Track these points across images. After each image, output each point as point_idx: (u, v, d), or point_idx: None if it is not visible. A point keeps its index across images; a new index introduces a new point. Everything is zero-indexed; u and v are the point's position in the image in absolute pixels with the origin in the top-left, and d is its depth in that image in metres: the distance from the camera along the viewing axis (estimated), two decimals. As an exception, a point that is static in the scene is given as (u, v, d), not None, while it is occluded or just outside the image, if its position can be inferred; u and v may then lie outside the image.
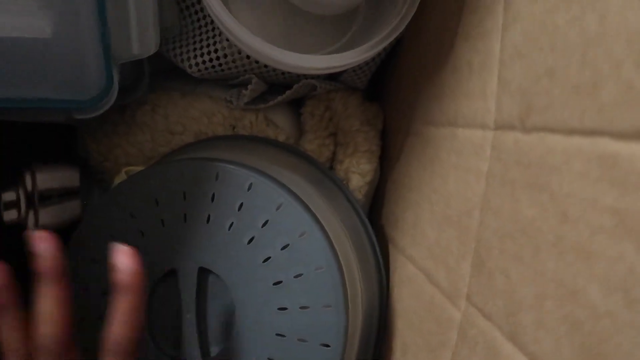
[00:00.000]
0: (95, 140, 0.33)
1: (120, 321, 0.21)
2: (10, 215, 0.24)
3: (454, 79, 0.23)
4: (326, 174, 0.32)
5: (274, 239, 0.25)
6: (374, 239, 0.31)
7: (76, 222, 0.31)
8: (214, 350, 0.26)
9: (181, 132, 0.33)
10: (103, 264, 0.26)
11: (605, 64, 0.13)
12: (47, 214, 0.28)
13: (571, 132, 0.15)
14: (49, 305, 0.21)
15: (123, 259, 0.21)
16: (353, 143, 0.33)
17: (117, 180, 0.33)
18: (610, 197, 0.13)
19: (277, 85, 0.34)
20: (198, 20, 0.32)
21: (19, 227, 0.25)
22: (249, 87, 0.31)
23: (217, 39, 0.31)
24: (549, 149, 0.16)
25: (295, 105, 0.36)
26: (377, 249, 0.31)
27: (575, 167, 0.14)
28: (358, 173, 0.32)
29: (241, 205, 0.26)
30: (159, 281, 0.26)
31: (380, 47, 0.26)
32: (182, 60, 0.32)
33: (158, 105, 0.33)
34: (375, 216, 0.35)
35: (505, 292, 0.18)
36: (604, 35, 0.13)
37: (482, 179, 0.20)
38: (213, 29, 0.31)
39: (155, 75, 0.33)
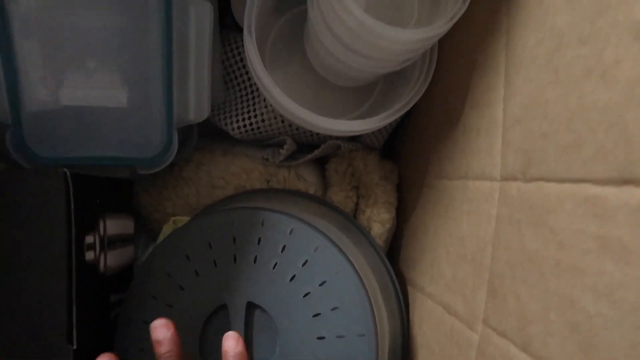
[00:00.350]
0: (147, 193, 0.38)
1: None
2: (89, 255, 0.29)
3: (464, 140, 0.28)
4: (352, 222, 0.36)
5: (312, 277, 0.29)
6: (395, 279, 0.35)
7: (130, 265, 0.35)
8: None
9: (223, 186, 0.38)
10: (161, 300, 0.30)
11: (585, 130, 0.18)
12: (111, 257, 0.32)
13: (562, 180, 0.19)
14: None
15: (161, 332, 0.26)
16: (373, 195, 0.37)
17: (166, 228, 0.37)
18: (594, 227, 0.17)
19: (306, 145, 0.39)
20: (240, 90, 0.37)
21: (93, 267, 0.29)
22: (285, 147, 0.36)
23: (257, 105, 0.36)
24: (546, 194, 0.20)
25: (320, 162, 0.40)
26: (398, 288, 0.35)
27: (567, 207, 0.19)
28: (379, 222, 0.37)
29: (284, 247, 0.30)
30: (211, 315, 0.30)
31: (395, 117, 0.31)
32: (226, 124, 0.37)
33: (202, 163, 0.38)
34: (393, 259, 0.39)
35: (517, 311, 0.22)
36: (582, 108, 0.18)
37: (493, 221, 0.24)
38: (253, 98, 0.37)
39: (199, 136, 0.38)
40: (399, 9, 0.30)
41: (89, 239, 0.28)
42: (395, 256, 0.39)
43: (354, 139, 0.39)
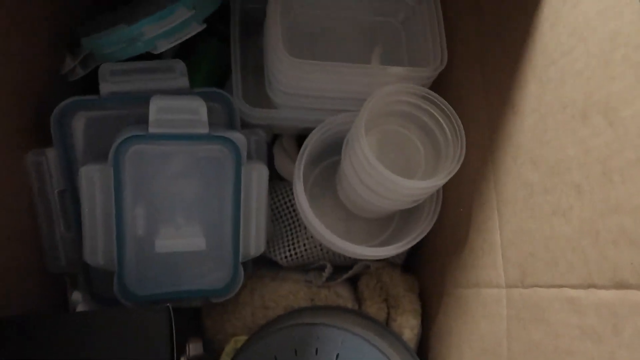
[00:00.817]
0: (210, 318, 0.45)
1: None
2: (183, 374, 0.35)
3: (473, 257, 0.37)
4: (387, 330, 0.43)
5: None
6: (428, 377, 0.41)
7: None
8: None
9: (274, 307, 0.45)
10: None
11: (557, 251, 0.27)
12: (193, 375, 0.38)
13: (549, 286, 0.27)
14: None
15: None
16: (401, 305, 0.45)
17: (227, 347, 0.44)
18: (575, 319, 0.25)
19: (341, 266, 0.47)
20: (286, 226, 0.46)
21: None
22: (326, 270, 0.44)
23: (300, 237, 0.45)
24: (540, 297, 0.28)
25: (352, 281, 0.48)
26: (432, 385, 0.41)
27: (555, 306, 0.27)
28: (409, 327, 0.44)
29: (337, 355, 0.37)
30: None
31: (410, 245, 0.40)
32: (275, 255, 0.45)
33: (255, 288, 0.46)
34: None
35: (533, 389, 0.28)
36: (553, 236, 0.27)
37: (504, 320, 0.32)
38: (297, 232, 0.45)
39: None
40: (410, 163, 0.40)
41: (184, 361, 0.35)
42: (423, 357, 0.45)
43: (379, 259, 0.47)
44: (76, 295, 0.41)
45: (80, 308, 0.40)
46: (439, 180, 0.35)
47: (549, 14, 0.28)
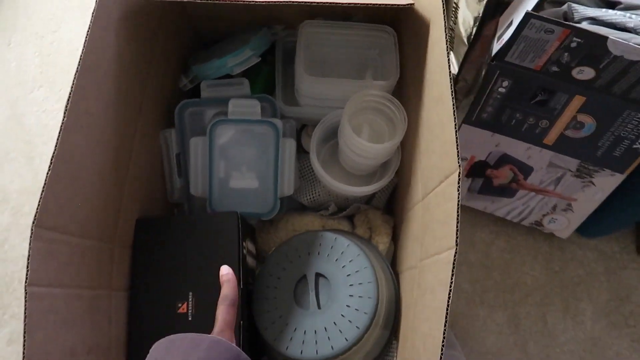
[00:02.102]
0: (260, 234, 0.73)
1: (227, 287, 0.51)
2: (250, 261, 0.63)
3: (409, 190, 0.62)
4: (370, 244, 0.69)
5: (352, 267, 0.61)
6: (391, 270, 0.67)
7: (254, 267, 0.69)
8: (321, 304, 0.61)
9: (299, 230, 0.72)
10: (274, 275, 0.63)
11: (433, 174, 0.52)
12: (249, 260, 0.66)
13: (435, 187, 0.53)
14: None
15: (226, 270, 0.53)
16: (378, 230, 0.71)
17: (271, 252, 0.71)
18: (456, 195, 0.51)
19: (342, 207, 0.74)
20: (307, 180, 0.73)
21: (245, 264, 0.63)
22: (331, 207, 0.71)
23: (316, 187, 0.72)
24: (431, 196, 0.54)
25: (350, 218, 0.75)
26: (392, 274, 0.66)
27: (439, 199, 0.52)
28: (382, 243, 0.70)
29: (342, 252, 0.63)
30: (299, 281, 0.63)
31: (384, 184, 0.66)
32: (300, 197, 0.73)
33: (288, 219, 0.73)
34: (392, 263, 0.71)
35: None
36: (429, 166, 0.53)
37: (420, 218, 0.58)
38: (314, 184, 0.73)
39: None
40: (379, 137, 0.67)
41: (245, 250, 0.63)
42: (393, 261, 0.71)
43: (367, 202, 0.74)
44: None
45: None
46: (395, 141, 0.62)
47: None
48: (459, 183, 0.43)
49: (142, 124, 0.62)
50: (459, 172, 0.43)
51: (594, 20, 0.61)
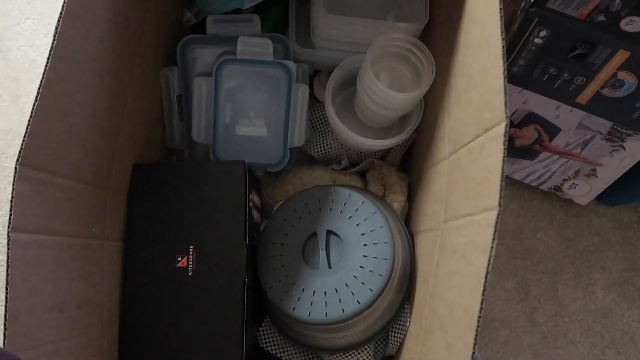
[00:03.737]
0: (266, 188, 0.68)
1: None
2: (255, 215, 0.58)
3: (433, 144, 0.57)
4: (384, 202, 0.64)
5: (367, 226, 0.57)
6: (407, 230, 0.62)
7: (259, 221, 0.64)
8: (332, 264, 0.56)
9: (308, 185, 0.67)
10: (282, 231, 0.58)
11: (464, 126, 0.47)
12: (255, 214, 0.61)
13: (463, 145, 0.48)
14: None
15: None
16: (393, 188, 0.66)
17: (276, 206, 0.66)
18: (479, 158, 0.46)
19: (354, 163, 0.68)
20: (318, 132, 0.68)
21: (251, 216, 0.58)
22: (343, 162, 0.66)
23: (328, 139, 0.67)
24: (459, 153, 0.49)
25: (362, 174, 0.70)
26: (408, 234, 0.62)
27: (466, 155, 0.47)
28: (396, 202, 0.65)
29: (356, 209, 0.58)
30: (308, 238, 0.58)
31: (403, 138, 0.61)
32: (310, 150, 0.68)
33: (296, 172, 0.68)
34: (407, 223, 0.66)
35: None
36: (464, 119, 0.47)
37: (445, 175, 0.53)
38: (325, 136, 0.67)
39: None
40: (402, 86, 0.61)
41: (251, 202, 0.58)
42: (407, 221, 0.66)
43: (382, 157, 0.69)
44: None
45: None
46: (420, 91, 0.56)
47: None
48: (505, 136, 0.38)
49: (141, 59, 0.56)
50: (506, 124, 0.38)
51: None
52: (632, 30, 0.57)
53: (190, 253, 0.54)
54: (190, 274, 0.54)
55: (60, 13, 0.41)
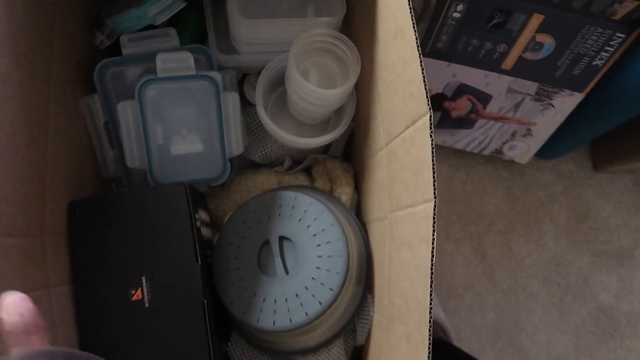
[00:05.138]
0: (212, 201, 0.67)
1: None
2: (205, 232, 0.57)
3: (370, 135, 0.57)
4: (331, 197, 0.65)
5: (318, 226, 0.57)
6: (359, 222, 0.63)
7: (211, 237, 0.63)
8: (288, 269, 0.56)
9: (254, 191, 0.66)
10: (234, 244, 0.58)
11: (398, 116, 0.47)
12: (204, 231, 0.60)
13: (398, 135, 0.48)
14: None
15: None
16: (339, 181, 0.66)
17: (225, 218, 0.65)
18: (420, 143, 0.46)
19: (297, 161, 0.68)
20: (256, 136, 0.67)
21: (200, 236, 0.57)
22: (286, 162, 0.66)
23: (267, 142, 0.66)
24: (395, 143, 0.49)
25: (307, 170, 0.69)
26: (360, 226, 0.63)
27: (400, 146, 0.48)
28: (344, 194, 0.65)
29: (305, 211, 0.58)
30: (261, 247, 0.58)
31: (339, 133, 0.61)
32: (251, 155, 0.67)
33: (240, 180, 0.67)
34: (357, 214, 0.67)
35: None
36: (393, 109, 0.48)
37: (385, 166, 0.53)
38: (264, 138, 0.66)
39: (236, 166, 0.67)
40: (330, 81, 0.61)
41: (198, 222, 0.57)
42: (358, 210, 0.67)
43: (324, 151, 0.68)
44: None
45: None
46: (348, 85, 0.56)
47: None
48: (431, 128, 0.38)
49: (56, 93, 0.53)
50: (430, 115, 0.38)
51: None
52: (542, -6, 0.59)
53: (144, 284, 0.53)
54: (147, 305, 0.53)
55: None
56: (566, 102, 0.73)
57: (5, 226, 0.43)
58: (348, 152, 0.72)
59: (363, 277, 0.59)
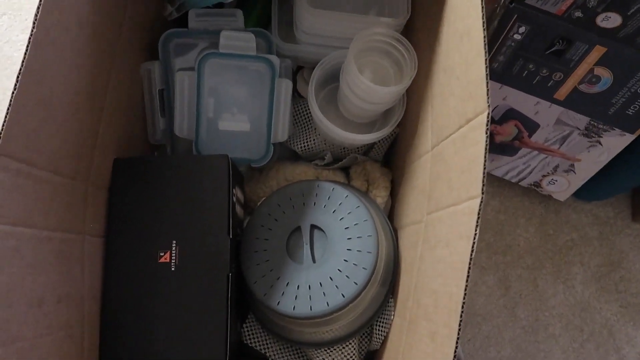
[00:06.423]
0: (249, 184, 0.68)
1: None
2: (239, 210, 0.57)
3: (417, 138, 0.58)
4: (367, 197, 0.65)
5: (351, 220, 0.57)
6: (390, 224, 0.63)
7: (242, 217, 0.63)
8: (316, 258, 0.56)
9: (291, 180, 0.67)
10: (265, 226, 0.58)
11: (449, 119, 0.47)
12: (238, 209, 0.60)
13: (447, 137, 0.48)
14: None
15: None
16: (376, 183, 0.66)
17: (260, 202, 0.66)
18: (465, 146, 0.46)
19: (337, 158, 0.69)
20: (301, 127, 0.68)
21: (234, 211, 0.58)
22: (326, 157, 0.66)
23: (311, 135, 0.67)
24: (442, 146, 0.49)
25: (345, 169, 0.70)
26: (391, 229, 0.62)
27: (449, 146, 0.48)
28: (380, 197, 0.65)
29: (340, 204, 0.58)
30: (292, 233, 0.58)
31: (387, 132, 0.61)
32: (294, 145, 0.67)
33: (279, 168, 0.68)
34: (390, 218, 0.66)
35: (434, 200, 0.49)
36: (448, 112, 0.48)
37: (428, 169, 0.53)
38: (309, 131, 0.67)
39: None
40: (384, 80, 0.61)
41: (234, 197, 0.57)
42: (390, 216, 0.67)
43: (365, 153, 0.69)
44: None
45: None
46: (403, 85, 0.56)
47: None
48: (487, 125, 0.38)
49: (121, 50, 0.55)
50: (489, 113, 0.38)
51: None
52: (608, 26, 0.59)
53: (173, 248, 0.54)
54: (173, 269, 0.53)
55: (40, 2, 0.40)
56: (615, 142, 0.72)
57: (56, 163, 0.45)
58: (388, 159, 0.72)
59: (388, 280, 0.59)
